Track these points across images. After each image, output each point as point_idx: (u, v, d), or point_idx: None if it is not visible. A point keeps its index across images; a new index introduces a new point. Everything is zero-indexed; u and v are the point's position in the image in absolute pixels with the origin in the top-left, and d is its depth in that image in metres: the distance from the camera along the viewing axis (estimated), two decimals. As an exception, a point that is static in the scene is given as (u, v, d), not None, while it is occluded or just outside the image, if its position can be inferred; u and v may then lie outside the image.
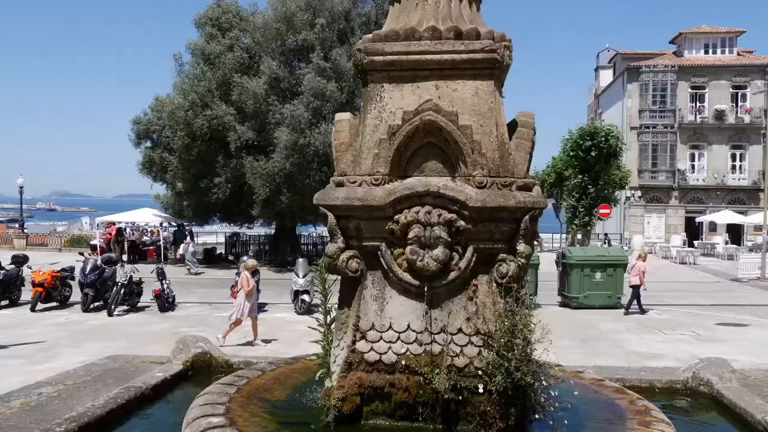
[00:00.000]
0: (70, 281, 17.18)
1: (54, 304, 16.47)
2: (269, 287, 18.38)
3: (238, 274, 15.71)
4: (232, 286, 13.50)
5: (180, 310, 16.23)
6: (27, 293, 16.73)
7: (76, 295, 16.73)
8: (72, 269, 17.49)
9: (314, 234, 36.27)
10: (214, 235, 41.84)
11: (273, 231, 31.52)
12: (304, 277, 15.69)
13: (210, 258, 30.50)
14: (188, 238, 31.05)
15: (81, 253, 20.06)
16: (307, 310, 15.35)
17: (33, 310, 15.66)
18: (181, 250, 28.20)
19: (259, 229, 34.51)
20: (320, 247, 33.61)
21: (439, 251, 4.96)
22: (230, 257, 31.29)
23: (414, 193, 5.02)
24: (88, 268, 16.10)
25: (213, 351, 8.85)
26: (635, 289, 15.87)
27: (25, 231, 39.05)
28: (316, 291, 6.02)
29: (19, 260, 17.60)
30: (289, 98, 25.38)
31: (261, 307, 16.38)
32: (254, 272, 12.19)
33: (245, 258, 17.60)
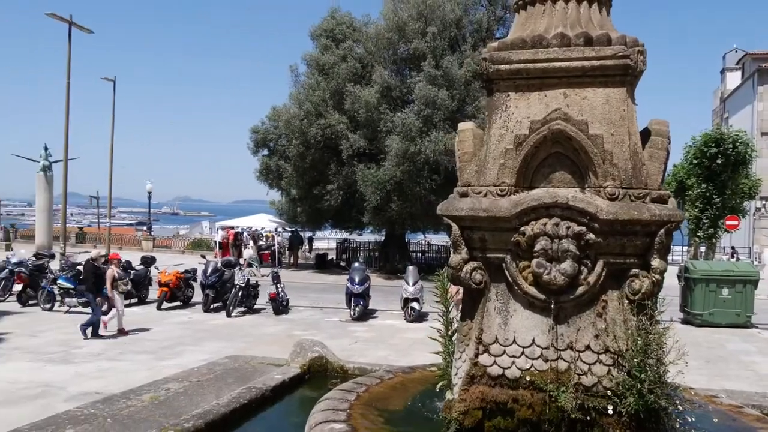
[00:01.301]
0: (192, 282, 18.15)
1: (177, 303, 17.45)
2: (378, 294, 18.58)
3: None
4: None
5: (293, 314, 16.71)
6: (153, 292, 17.82)
7: (198, 296, 17.65)
8: (194, 271, 18.46)
9: (423, 241, 36.39)
10: (325, 240, 42.93)
11: (383, 238, 31.88)
12: (413, 285, 15.71)
13: (322, 263, 31.28)
14: (251, 242, 31.31)
15: (203, 256, 21.10)
16: (417, 318, 15.37)
17: (159, 308, 16.67)
18: (244, 255, 28.73)
19: (369, 236, 35.03)
20: (429, 255, 33.66)
21: (566, 265, 4.78)
22: (341, 263, 32.00)
23: (541, 204, 4.86)
24: (209, 271, 16.91)
25: (328, 356, 9.01)
26: None
27: (152, 234, 41.70)
28: (436, 300, 5.97)
29: (148, 261, 18.79)
30: (400, 106, 25.62)
31: (371, 314, 16.62)
32: None
33: (357, 264, 17.89)
